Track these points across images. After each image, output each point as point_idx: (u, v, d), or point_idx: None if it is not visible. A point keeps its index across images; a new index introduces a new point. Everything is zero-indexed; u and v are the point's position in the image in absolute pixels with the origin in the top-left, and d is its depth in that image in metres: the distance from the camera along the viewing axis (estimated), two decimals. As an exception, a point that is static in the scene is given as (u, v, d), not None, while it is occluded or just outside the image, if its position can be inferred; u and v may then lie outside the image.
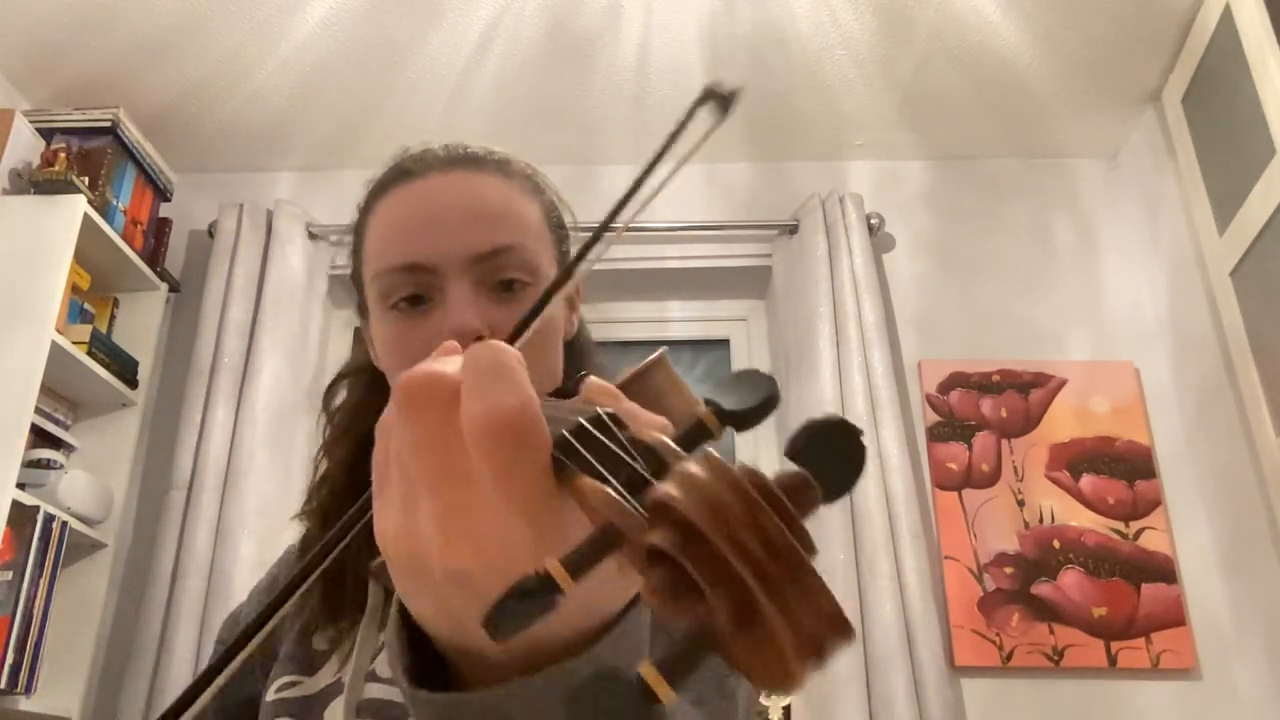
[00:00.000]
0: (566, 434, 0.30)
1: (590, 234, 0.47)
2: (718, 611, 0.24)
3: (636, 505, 0.27)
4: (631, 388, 0.45)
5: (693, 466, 0.26)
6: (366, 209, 0.79)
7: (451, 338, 0.66)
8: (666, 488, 0.26)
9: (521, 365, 0.32)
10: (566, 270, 0.48)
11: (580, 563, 0.26)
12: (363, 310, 0.81)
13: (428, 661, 0.36)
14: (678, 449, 0.29)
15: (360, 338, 0.85)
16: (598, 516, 0.28)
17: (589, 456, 0.29)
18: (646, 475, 0.28)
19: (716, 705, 0.61)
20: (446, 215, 0.73)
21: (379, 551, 0.34)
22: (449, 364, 0.33)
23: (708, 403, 0.31)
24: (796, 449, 0.28)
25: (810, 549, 0.24)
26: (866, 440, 0.27)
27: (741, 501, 0.25)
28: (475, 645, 0.34)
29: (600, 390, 0.36)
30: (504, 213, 0.74)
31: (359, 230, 0.80)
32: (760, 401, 0.31)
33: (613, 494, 0.27)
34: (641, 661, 0.24)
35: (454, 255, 0.71)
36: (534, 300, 0.72)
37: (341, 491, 0.79)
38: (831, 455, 0.28)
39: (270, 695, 0.72)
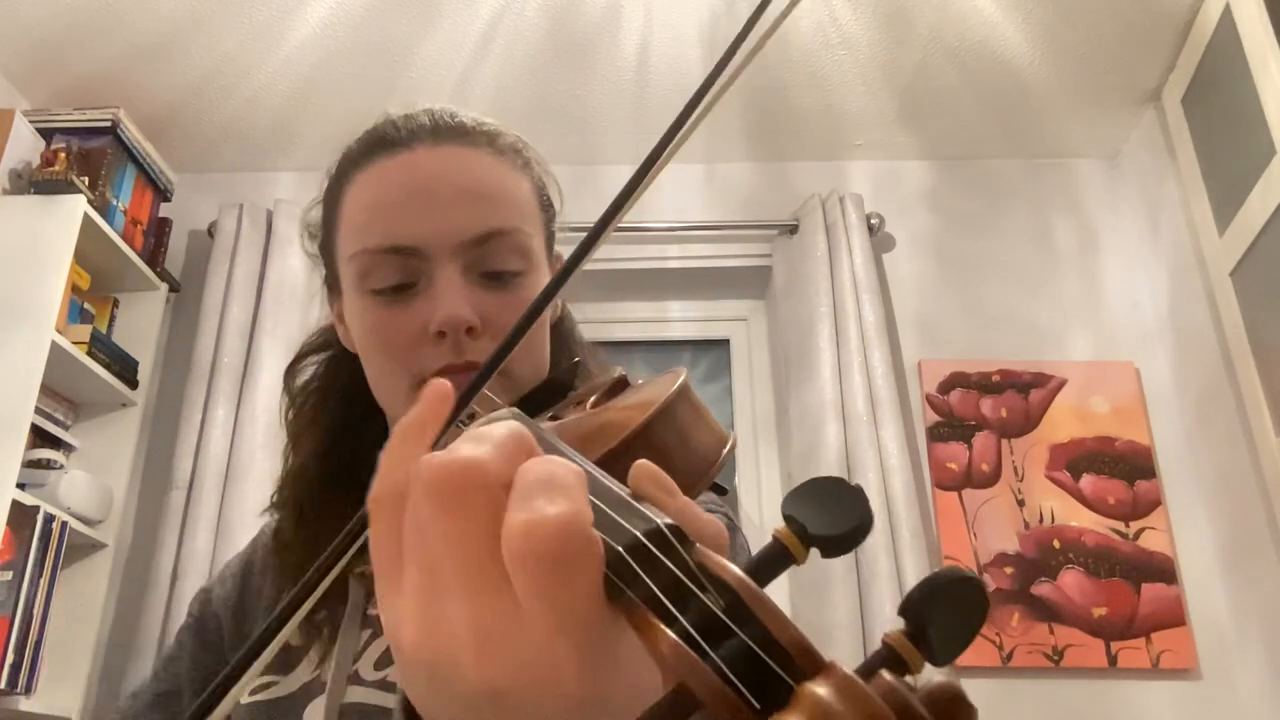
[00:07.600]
0: (623, 552, 0.26)
1: (605, 213, 0.41)
2: None
3: (714, 658, 0.23)
4: (657, 426, 0.42)
5: (822, 690, 0.21)
6: (342, 177, 0.72)
7: (440, 328, 0.64)
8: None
9: (579, 481, 0.28)
10: (615, 206, 0.41)
11: None
12: (332, 285, 0.76)
13: None
14: (754, 586, 0.24)
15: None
16: (669, 672, 0.24)
17: (650, 584, 0.25)
18: (720, 613, 0.24)
19: None
20: (436, 194, 0.66)
21: (367, 559, 0.31)
22: (485, 449, 0.29)
23: (788, 520, 0.27)
24: (913, 607, 0.24)
25: None
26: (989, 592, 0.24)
27: None
28: None
29: (651, 481, 0.30)
30: (497, 193, 0.69)
31: (332, 199, 0.73)
32: (853, 528, 0.27)
33: (684, 647, 0.23)
34: None
35: (444, 238, 0.65)
36: (526, 286, 0.68)
37: (315, 482, 0.75)
38: (951, 615, 0.24)
39: (245, 697, 0.68)
